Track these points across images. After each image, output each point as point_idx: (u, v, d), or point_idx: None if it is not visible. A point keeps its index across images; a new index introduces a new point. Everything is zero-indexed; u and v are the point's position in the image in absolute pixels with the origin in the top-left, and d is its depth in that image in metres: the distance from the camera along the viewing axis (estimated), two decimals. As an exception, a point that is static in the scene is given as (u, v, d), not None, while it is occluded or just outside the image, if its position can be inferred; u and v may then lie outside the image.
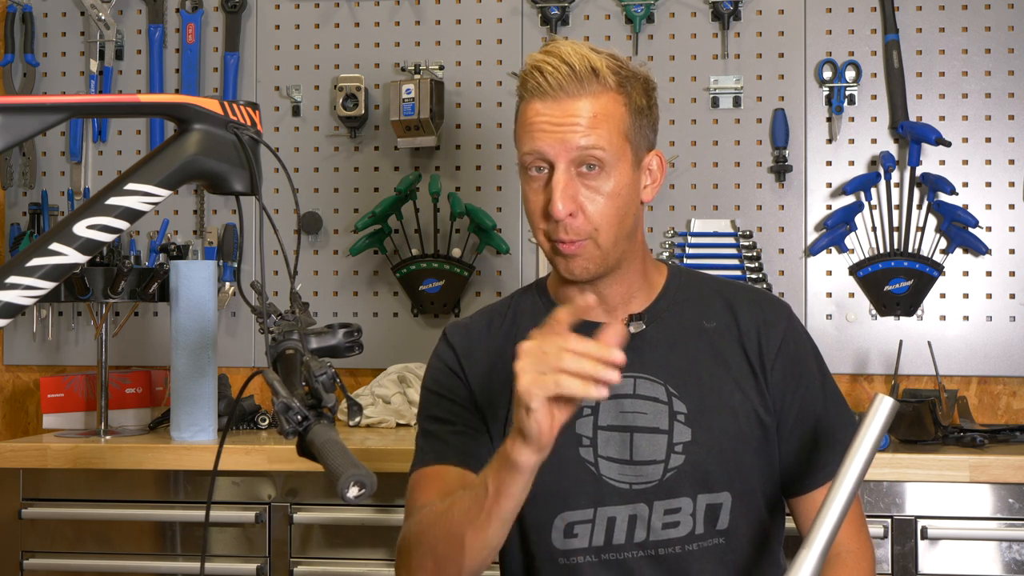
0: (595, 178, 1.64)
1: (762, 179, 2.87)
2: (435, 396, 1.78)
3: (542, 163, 1.65)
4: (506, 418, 1.73)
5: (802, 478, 1.74)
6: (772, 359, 1.73)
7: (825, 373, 1.79)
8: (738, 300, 1.77)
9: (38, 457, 2.51)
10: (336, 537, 2.44)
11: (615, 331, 1.41)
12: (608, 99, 1.64)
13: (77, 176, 3.07)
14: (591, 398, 1.39)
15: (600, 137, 1.63)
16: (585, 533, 1.68)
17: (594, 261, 1.67)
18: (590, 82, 1.63)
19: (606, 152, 1.63)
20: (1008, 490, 2.29)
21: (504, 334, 1.78)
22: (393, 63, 2.99)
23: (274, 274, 2.89)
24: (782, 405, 1.73)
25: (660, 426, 1.68)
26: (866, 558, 1.74)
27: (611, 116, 1.64)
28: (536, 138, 1.64)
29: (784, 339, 1.74)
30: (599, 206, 1.64)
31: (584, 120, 1.63)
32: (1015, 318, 2.79)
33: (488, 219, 2.86)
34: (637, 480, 1.67)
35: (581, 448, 1.69)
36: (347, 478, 1.12)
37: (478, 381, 1.76)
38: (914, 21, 2.84)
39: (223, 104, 1.35)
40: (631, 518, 1.67)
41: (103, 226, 1.28)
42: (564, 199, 1.62)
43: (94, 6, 3.03)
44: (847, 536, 1.72)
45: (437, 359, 1.81)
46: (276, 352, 1.30)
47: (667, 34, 2.91)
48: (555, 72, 1.62)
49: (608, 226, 1.65)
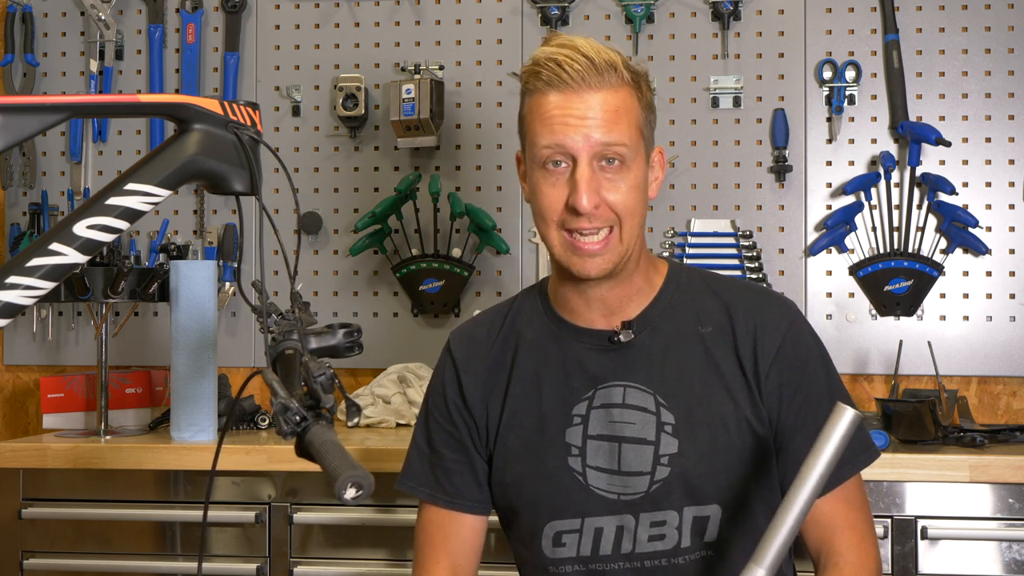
0: (616, 172, 1.63)
1: (762, 179, 2.87)
2: (432, 419, 1.81)
3: (562, 157, 1.63)
4: (499, 422, 1.74)
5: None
6: (767, 366, 1.68)
7: (833, 378, 1.73)
8: (736, 302, 1.72)
9: (38, 457, 2.50)
10: (336, 537, 2.44)
11: None
12: (625, 93, 1.64)
13: (77, 176, 3.07)
14: None
15: (622, 132, 1.62)
16: (573, 543, 1.68)
17: (613, 258, 1.65)
18: (609, 75, 1.62)
19: (627, 147, 1.63)
20: (1008, 490, 2.29)
21: (503, 337, 1.78)
22: (393, 63, 2.99)
23: (274, 274, 2.89)
24: (779, 413, 1.68)
25: (647, 437, 1.66)
26: (865, 569, 1.67)
27: (629, 110, 1.64)
28: (557, 131, 1.62)
29: (782, 345, 1.69)
30: (622, 196, 1.63)
31: (607, 114, 1.62)
32: (1015, 318, 2.79)
33: (488, 219, 2.86)
34: (624, 491, 1.66)
35: (570, 457, 1.68)
36: (345, 479, 1.12)
37: (475, 390, 1.77)
38: (914, 21, 2.84)
39: (223, 104, 1.35)
40: (618, 529, 1.66)
41: (103, 226, 1.28)
42: (589, 191, 1.61)
43: (94, 6, 3.03)
44: (847, 546, 1.67)
45: (438, 377, 1.82)
46: (275, 352, 1.30)
47: (667, 34, 2.91)
48: (574, 64, 1.61)
49: (631, 217, 1.64)
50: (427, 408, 1.82)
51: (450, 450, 1.77)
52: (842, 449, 1.33)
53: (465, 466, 1.77)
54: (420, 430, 1.82)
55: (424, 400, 1.84)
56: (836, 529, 1.68)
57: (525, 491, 1.71)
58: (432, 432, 1.80)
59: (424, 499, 1.79)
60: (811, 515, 1.66)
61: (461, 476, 1.76)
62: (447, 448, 1.78)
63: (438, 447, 1.78)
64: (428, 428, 1.80)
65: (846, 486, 1.69)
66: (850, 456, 1.64)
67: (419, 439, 1.82)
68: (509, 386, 1.75)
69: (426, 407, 1.82)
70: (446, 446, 1.78)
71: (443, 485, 1.77)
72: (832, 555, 1.68)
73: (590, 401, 1.69)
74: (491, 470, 1.76)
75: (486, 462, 1.77)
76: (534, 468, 1.70)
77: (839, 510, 1.68)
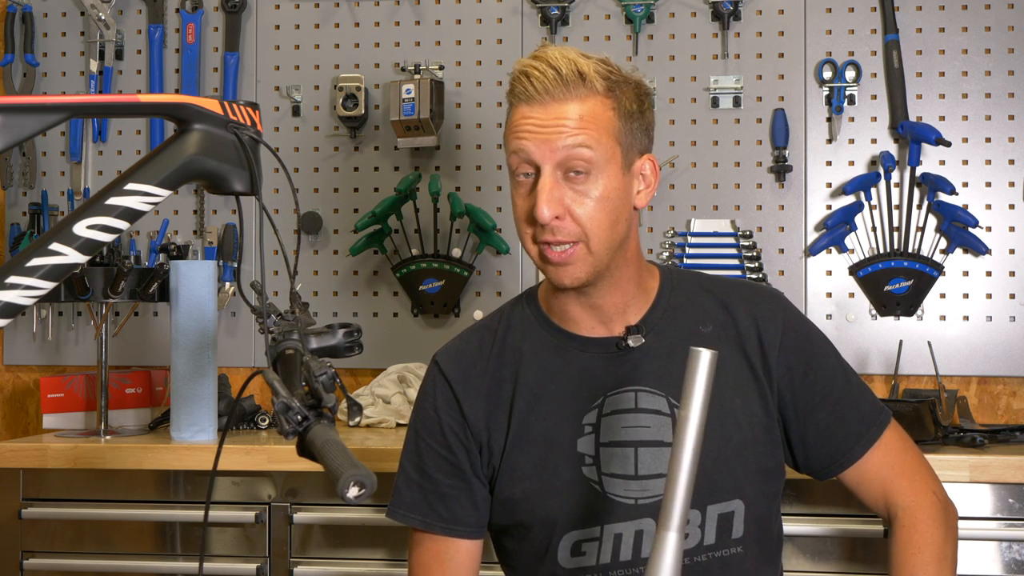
0: (583, 182, 1.62)
1: (762, 179, 2.87)
2: (424, 444, 1.76)
3: (528, 167, 1.63)
4: (506, 440, 1.72)
5: (841, 452, 1.73)
6: (776, 354, 1.71)
7: (835, 351, 1.79)
8: (732, 299, 1.75)
9: (38, 457, 2.50)
10: (336, 537, 2.44)
11: None
12: (595, 102, 1.63)
13: (77, 176, 3.07)
14: None
15: (587, 138, 1.61)
16: (593, 551, 1.67)
17: (585, 268, 1.64)
18: (576, 86, 1.62)
19: (593, 152, 1.61)
20: (1008, 490, 2.29)
21: (498, 353, 1.76)
22: (393, 63, 2.99)
23: (274, 274, 2.89)
24: (792, 398, 1.72)
25: (664, 439, 1.67)
26: (922, 507, 1.72)
27: (598, 119, 1.63)
28: (521, 139, 1.62)
29: (784, 330, 1.73)
30: (588, 209, 1.62)
31: (570, 122, 1.61)
32: (1015, 318, 2.79)
33: (488, 219, 2.86)
34: (642, 495, 1.66)
35: (584, 467, 1.68)
36: (347, 478, 1.12)
37: (477, 410, 1.74)
38: (914, 21, 2.84)
39: (223, 104, 1.35)
40: (637, 534, 1.66)
41: (103, 226, 1.28)
42: (550, 202, 1.60)
43: (94, 6, 3.03)
44: (899, 492, 1.73)
45: (428, 400, 1.77)
46: (276, 352, 1.30)
47: (667, 34, 2.91)
48: (542, 76, 1.61)
49: (599, 230, 1.63)
50: (416, 432, 1.77)
51: (445, 475, 1.74)
52: (710, 389, 1.32)
53: (463, 491, 1.73)
54: (409, 456, 1.78)
55: (411, 425, 1.79)
56: (885, 481, 1.74)
57: (537, 505, 1.69)
58: (424, 457, 1.75)
59: (418, 527, 1.76)
60: (860, 477, 1.73)
61: (458, 501, 1.73)
62: (441, 473, 1.74)
63: (431, 472, 1.74)
64: (419, 453, 1.76)
65: (883, 441, 1.75)
66: (872, 416, 1.74)
67: (408, 466, 1.78)
68: (514, 402, 1.72)
69: (414, 432, 1.78)
70: (440, 471, 1.74)
71: (438, 511, 1.74)
72: (891, 508, 1.74)
73: (600, 409, 1.69)
74: (494, 488, 1.74)
75: (488, 482, 1.74)
76: (546, 481, 1.69)
77: (880, 461, 1.74)
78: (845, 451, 1.73)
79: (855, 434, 1.73)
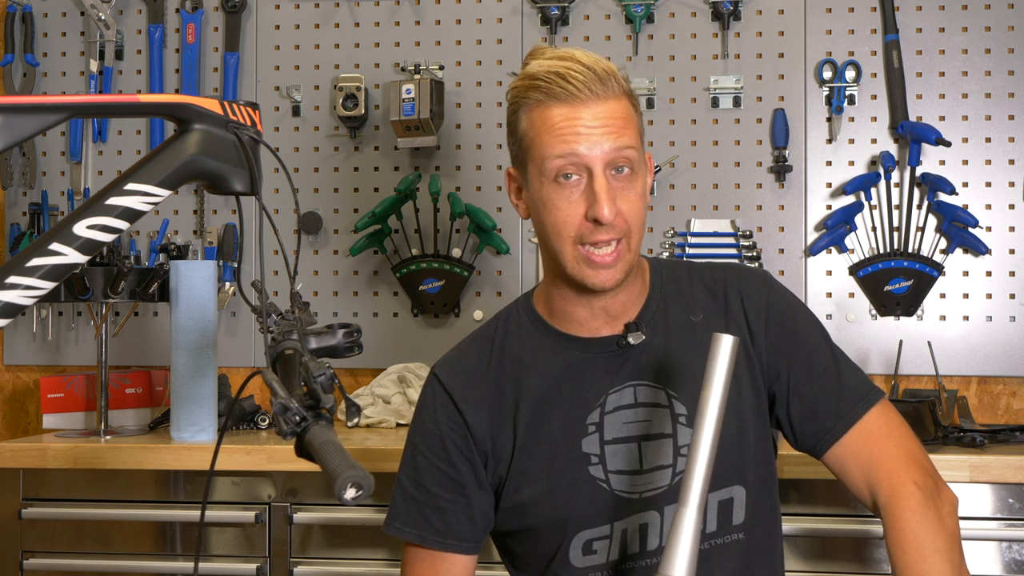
0: (627, 180, 1.64)
1: (762, 179, 2.87)
2: (423, 458, 1.74)
3: (574, 169, 1.62)
4: (512, 447, 1.72)
5: (825, 428, 1.68)
6: (760, 328, 1.71)
7: (819, 324, 1.76)
8: (719, 283, 1.75)
9: (38, 457, 2.51)
10: (336, 537, 2.44)
11: None
12: (625, 101, 1.65)
13: (77, 176, 3.07)
14: None
15: (631, 138, 1.63)
16: (603, 549, 1.68)
17: (624, 268, 1.65)
18: (611, 84, 1.63)
19: (635, 150, 1.64)
20: (1008, 490, 2.29)
21: (498, 361, 1.75)
22: (393, 63, 2.99)
23: (274, 274, 2.89)
24: (779, 363, 1.70)
25: (665, 431, 1.67)
26: (901, 502, 1.60)
27: (631, 118, 1.65)
28: (570, 142, 1.61)
29: (768, 305, 1.72)
30: (632, 206, 1.64)
31: (616, 121, 1.62)
32: (1015, 318, 2.79)
33: (488, 219, 2.86)
34: (647, 488, 1.67)
35: (590, 467, 1.68)
36: (344, 479, 1.12)
37: (480, 420, 1.72)
38: (914, 21, 2.84)
39: (223, 104, 1.36)
40: (642, 527, 1.66)
41: (103, 226, 1.28)
42: (609, 202, 1.60)
43: (94, 6, 3.03)
44: (877, 482, 1.63)
45: (428, 413, 1.75)
46: (275, 352, 1.30)
47: (667, 34, 2.91)
48: (580, 76, 1.61)
49: (637, 226, 1.65)
50: (414, 446, 1.76)
51: (444, 489, 1.72)
52: (731, 372, 1.35)
53: (461, 506, 1.72)
54: (407, 470, 1.76)
55: (409, 439, 1.77)
56: (865, 469, 1.66)
57: (546, 508, 1.69)
58: (422, 471, 1.74)
59: (412, 541, 1.75)
60: (840, 461, 1.67)
61: (455, 516, 1.72)
62: (440, 487, 1.73)
63: (429, 487, 1.73)
64: (416, 467, 1.75)
65: (866, 419, 1.68)
66: (859, 393, 1.69)
67: (405, 479, 1.76)
68: (518, 409, 1.72)
69: (413, 445, 1.76)
70: (439, 485, 1.73)
71: (434, 525, 1.72)
72: (875, 500, 1.65)
73: (602, 408, 1.69)
74: (501, 496, 1.73)
75: (493, 491, 1.73)
76: (554, 484, 1.68)
77: (861, 444, 1.67)
78: (828, 427, 1.68)
79: (836, 411, 1.68)
